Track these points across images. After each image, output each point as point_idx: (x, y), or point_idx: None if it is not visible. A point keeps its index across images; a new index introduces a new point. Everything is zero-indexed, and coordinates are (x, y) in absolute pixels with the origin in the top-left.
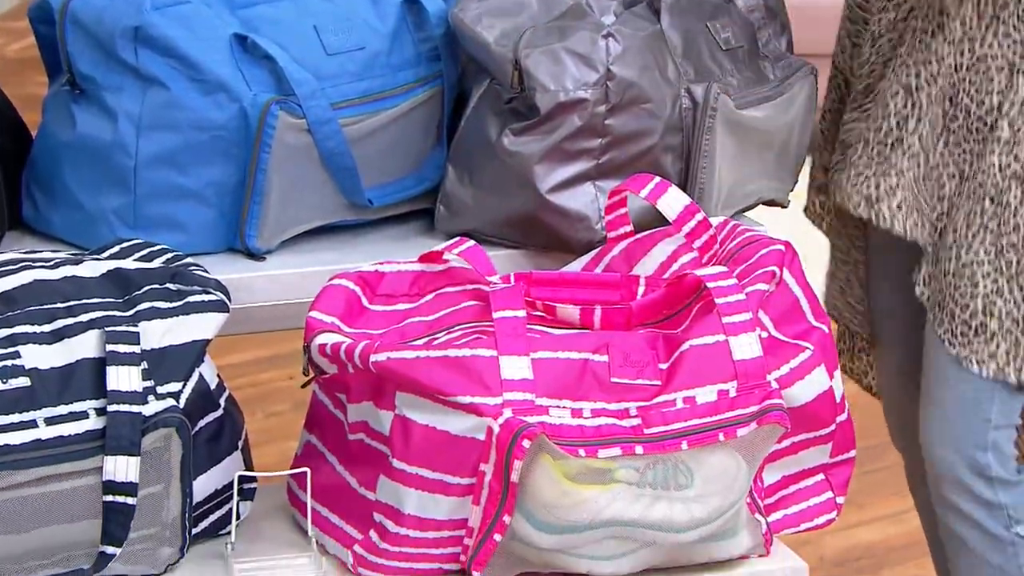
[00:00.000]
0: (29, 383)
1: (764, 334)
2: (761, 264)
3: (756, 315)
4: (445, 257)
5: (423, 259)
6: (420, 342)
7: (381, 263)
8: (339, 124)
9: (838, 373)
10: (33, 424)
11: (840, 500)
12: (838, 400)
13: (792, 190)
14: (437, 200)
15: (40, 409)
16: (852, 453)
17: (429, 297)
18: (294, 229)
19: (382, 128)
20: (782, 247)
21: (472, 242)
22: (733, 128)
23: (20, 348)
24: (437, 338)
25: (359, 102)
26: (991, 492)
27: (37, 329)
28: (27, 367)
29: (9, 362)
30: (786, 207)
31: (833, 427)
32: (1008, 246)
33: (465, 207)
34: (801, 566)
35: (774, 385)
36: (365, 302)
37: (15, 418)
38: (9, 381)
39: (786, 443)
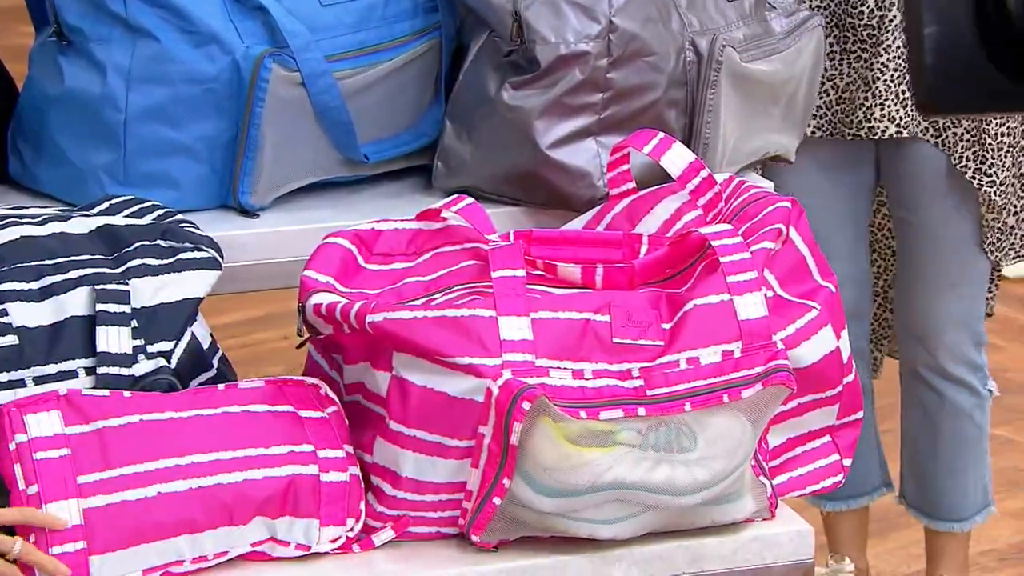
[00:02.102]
0: (17, 341)
1: (770, 293)
2: (767, 222)
3: (761, 274)
4: (443, 215)
5: (420, 217)
6: (418, 302)
7: (377, 221)
8: (334, 77)
9: (845, 333)
10: (21, 383)
11: (847, 463)
12: (845, 361)
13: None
14: (435, 156)
15: (28, 368)
16: (859, 415)
17: (427, 256)
18: (288, 185)
19: (378, 82)
20: (788, 204)
21: (471, 200)
22: (738, 82)
23: (7, 306)
24: (435, 298)
25: (354, 55)
26: (980, 357)
27: (25, 286)
28: (15, 325)
29: None
30: (792, 163)
31: (840, 388)
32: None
33: (463, 163)
34: (807, 529)
35: (780, 345)
36: (361, 261)
37: (3, 377)
38: None
39: (792, 404)
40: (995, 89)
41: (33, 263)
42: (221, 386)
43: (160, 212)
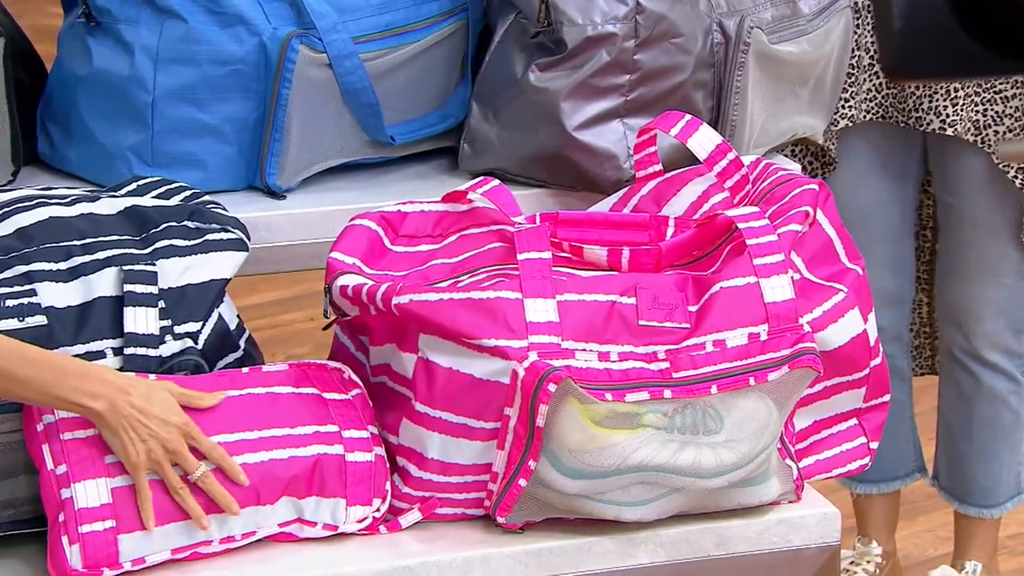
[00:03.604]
0: (46, 321)
1: (796, 276)
2: (794, 204)
3: (788, 256)
4: (469, 197)
5: (447, 199)
6: (444, 284)
7: (403, 203)
8: (360, 59)
9: (872, 316)
10: None
11: (873, 446)
12: (872, 344)
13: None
14: (461, 138)
15: (57, 348)
16: (886, 398)
17: (453, 238)
18: (315, 167)
19: (405, 63)
20: (816, 186)
21: (497, 181)
22: (766, 63)
23: (36, 286)
24: (461, 280)
25: (381, 36)
26: (1019, 345)
27: (53, 267)
28: (44, 305)
29: (26, 300)
30: (820, 145)
31: (867, 371)
32: None
33: (490, 145)
34: (833, 512)
35: (806, 328)
36: (387, 243)
37: None
38: (26, 320)
39: (818, 387)
40: (966, 54)
41: (62, 243)
42: (245, 369)
43: (187, 193)
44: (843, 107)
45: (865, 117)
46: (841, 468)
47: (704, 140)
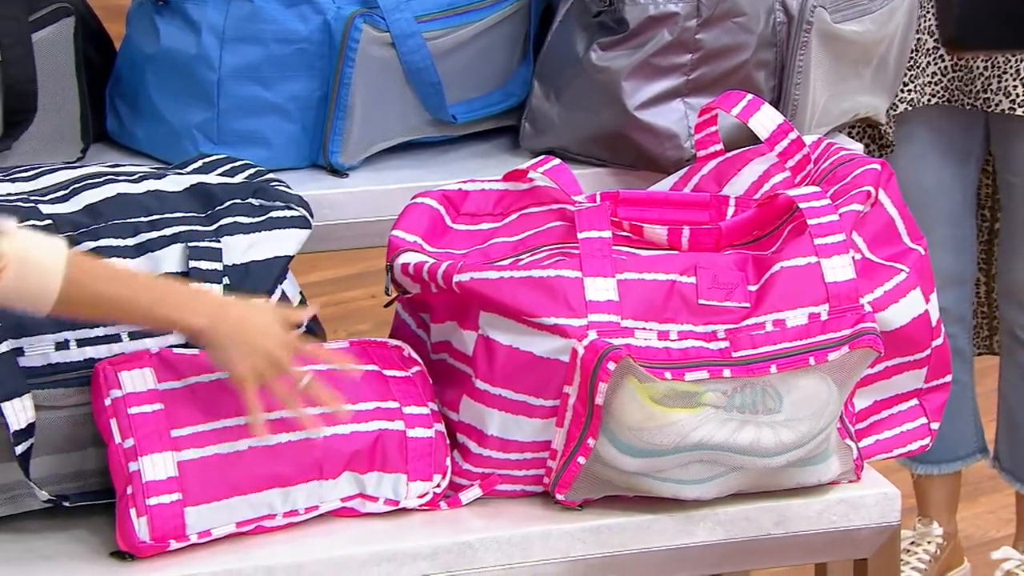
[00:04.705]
0: None
1: (858, 256)
2: (856, 184)
3: (850, 236)
4: (530, 176)
5: (508, 178)
6: (504, 263)
7: (465, 181)
8: (423, 38)
9: (934, 296)
10: (117, 338)
11: (934, 426)
12: (934, 324)
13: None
14: (522, 117)
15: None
16: (948, 378)
17: (513, 217)
18: (377, 145)
19: (467, 42)
20: (878, 166)
21: (558, 160)
22: (829, 42)
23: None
24: (521, 259)
25: (444, 15)
26: None
27: (121, 243)
28: None
29: None
30: (878, 128)
31: (928, 351)
32: None
33: (551, 124)
34: (893, 493)
35: (867, 308)
36: (448, 221)
37: (99, 331)
38: None
39: (879, 367)
40: None
41: (129, 220)
42: (306, 347)
43: (252, 171)
44: (903, 91)
45: (929, 101)
46: (901, 448)
47: (765, 120)
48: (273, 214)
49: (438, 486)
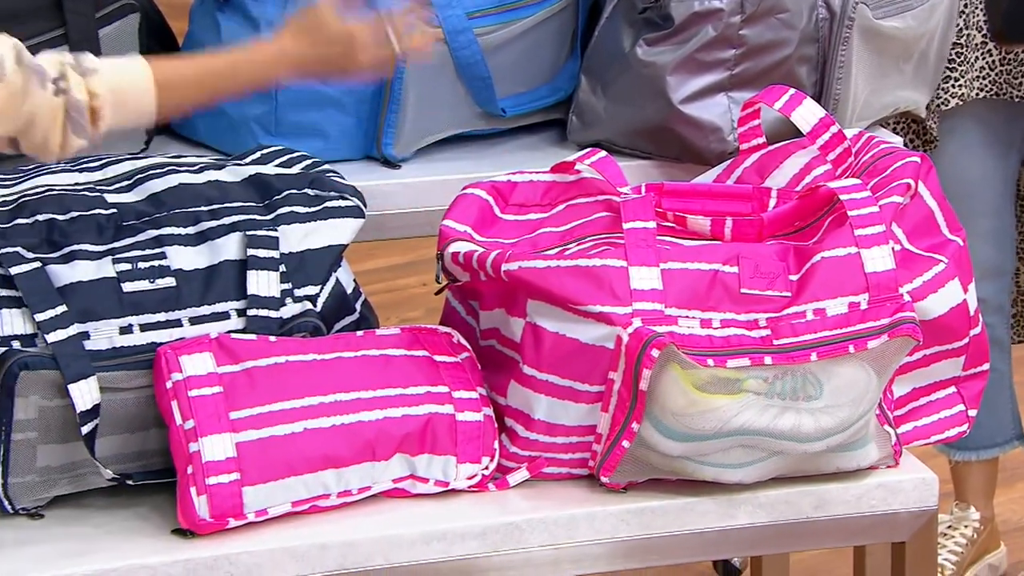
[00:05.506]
0: (175, 283)
1: (897, 247)
2: (896, 176)
3: (889, 228)
4: (577, 167)
5: (555, 169)
6: (552, 252)
7: (513, 173)
8: (474, 34)
9: (972, 286)
10: (178, 323)
11: (972, 413)
12: (972, 313)
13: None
14: (570, 111)
15: (185, 309)
16: (985, 367)
17: (561, 207)
18: (429, 137)
19: (517, 38)
20: (918, 159)
21: (604, 153)
22: (871, 38)
23: (167, 249)
24: (568, 248)
25: (494, 11)
26: None
27: (182, 231)
28: (173, 268)
29: (156, 263)
30: (922, 123)
31: (966, 340)
32: None
33: (598, 117)
34: (931, 478)
35: (906, 298)
36: (497, 211)
37: (161, 317)
38: (156, 281)
39: (918, 355)
40: None
41: (190, 209)
42: (360, 333)
43: (308, 162)
44: (952, 87)
45: (978, 95)
46: (939, 435)
47: (807, 113)
48: (328, 204)
49: (486, 468)
